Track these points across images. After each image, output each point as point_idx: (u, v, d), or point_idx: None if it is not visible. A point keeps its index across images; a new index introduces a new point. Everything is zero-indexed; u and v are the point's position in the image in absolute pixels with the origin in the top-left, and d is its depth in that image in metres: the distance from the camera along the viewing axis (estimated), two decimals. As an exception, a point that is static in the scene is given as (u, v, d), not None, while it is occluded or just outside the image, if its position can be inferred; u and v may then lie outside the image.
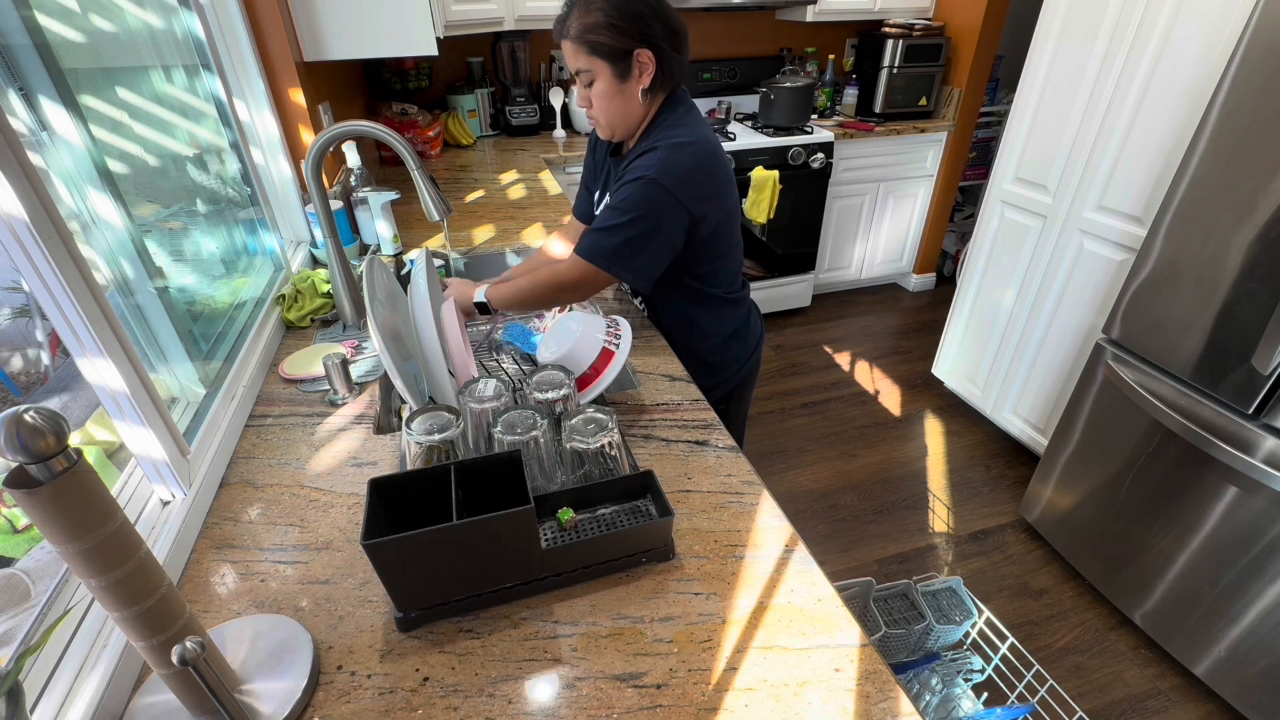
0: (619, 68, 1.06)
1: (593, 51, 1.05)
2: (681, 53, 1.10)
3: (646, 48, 1.05)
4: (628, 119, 1.14)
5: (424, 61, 2.74)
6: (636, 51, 1.05)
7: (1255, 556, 1.45)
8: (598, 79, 1.08)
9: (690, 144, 1.09)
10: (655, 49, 1.06)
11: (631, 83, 1.08)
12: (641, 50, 1.05)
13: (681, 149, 1.08)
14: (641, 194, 1.07)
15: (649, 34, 1.05)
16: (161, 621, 0.57)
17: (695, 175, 1.09)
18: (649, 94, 1.10)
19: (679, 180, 1.06)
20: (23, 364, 1.74)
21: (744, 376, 1.40)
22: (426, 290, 0.96)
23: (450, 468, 0.75)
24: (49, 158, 0.87)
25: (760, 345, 1.42)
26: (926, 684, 1.40)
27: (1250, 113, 1.35)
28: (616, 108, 1.11)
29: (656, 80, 1.09)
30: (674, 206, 1.08)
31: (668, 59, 1.08)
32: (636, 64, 1.06)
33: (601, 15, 1.02)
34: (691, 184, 1.08)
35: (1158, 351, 1.60)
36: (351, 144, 1.82)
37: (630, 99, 1.10)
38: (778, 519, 0.86)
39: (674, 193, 1.06)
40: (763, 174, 2.77)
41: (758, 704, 0.65)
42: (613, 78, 1.07)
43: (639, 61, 1.06)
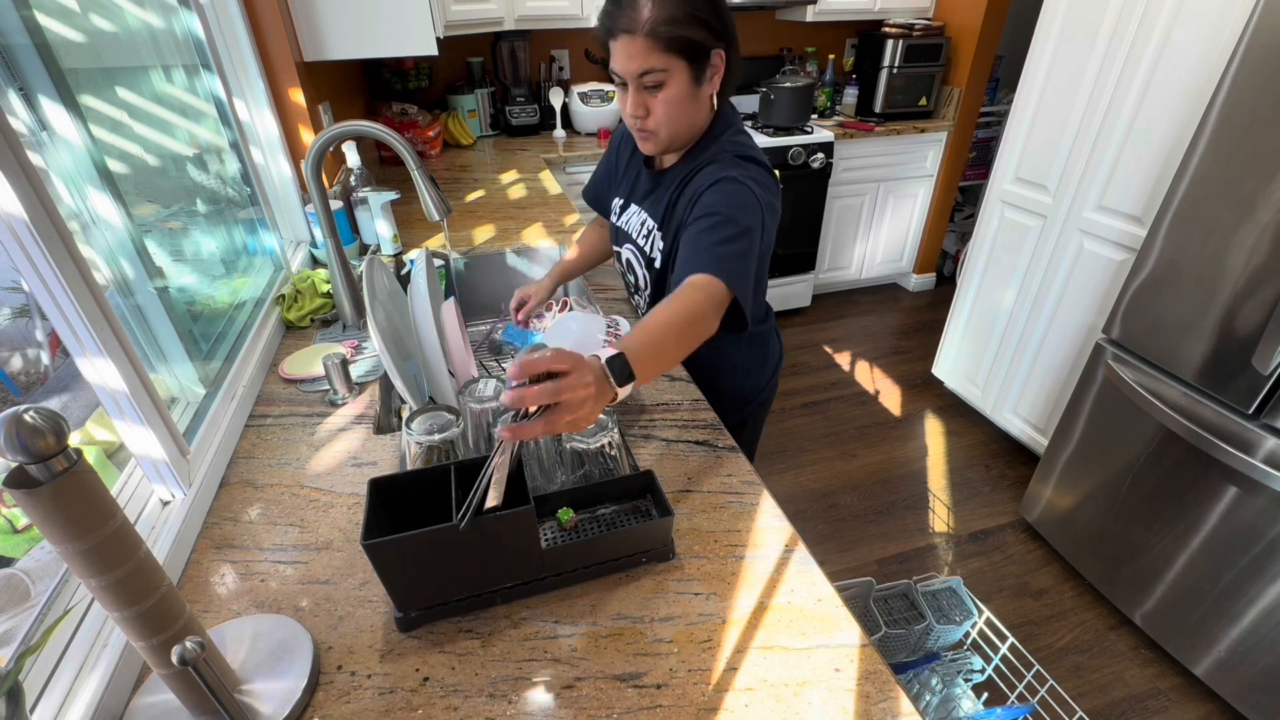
0: (696, 69, 0.92)
1: (669, 49, 0.89)
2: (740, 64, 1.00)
3: (722, 46, 0.93)
4: (693, 129, 1.00)
5: (424, 61, 2.74)
6: (714, 51, 0.92)
7: (1255, 556, 1.45)
8: (670, 82, 0.92)
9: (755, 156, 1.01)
10: (730, 49, 0.94)
11: (704, 87, 0.95)
12: (718, 49, 0.93)
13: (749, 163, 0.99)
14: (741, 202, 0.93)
15: (726, 31, 0.92)
16: (161, 621, 0.57)
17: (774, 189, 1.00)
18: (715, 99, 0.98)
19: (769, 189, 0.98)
20: (23, 364, 1.74)
21: (761, 401, 1.32)
22: (426, 290, 0.96)
23: (450, 468, 0.75)
24: (49, 157, 0.87)
25: (778, 369, 1.33)
26: (926, 684, 1.40)
27: (1250, 113, 1.35)
28: (686, 116, 0.96)
29: (723, 86, 0.97)
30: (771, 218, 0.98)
31: (734, 63, 0.96)
32: (710, 66, 0.93)
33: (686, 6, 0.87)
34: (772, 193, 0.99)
35: (1158, 352, 1.60)
36: (351, 144, 1.82)
37: (702, 105, 0.97)
38: (778, 519, 0.86)
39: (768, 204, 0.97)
40: (763, 174, 2.77)
41: (758, 704, 0.65)
42: (689, 80, 0.92)
43: (713, 64, 0.93)
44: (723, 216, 0.92)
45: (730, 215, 0.92)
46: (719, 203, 0.93)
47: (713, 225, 0.92)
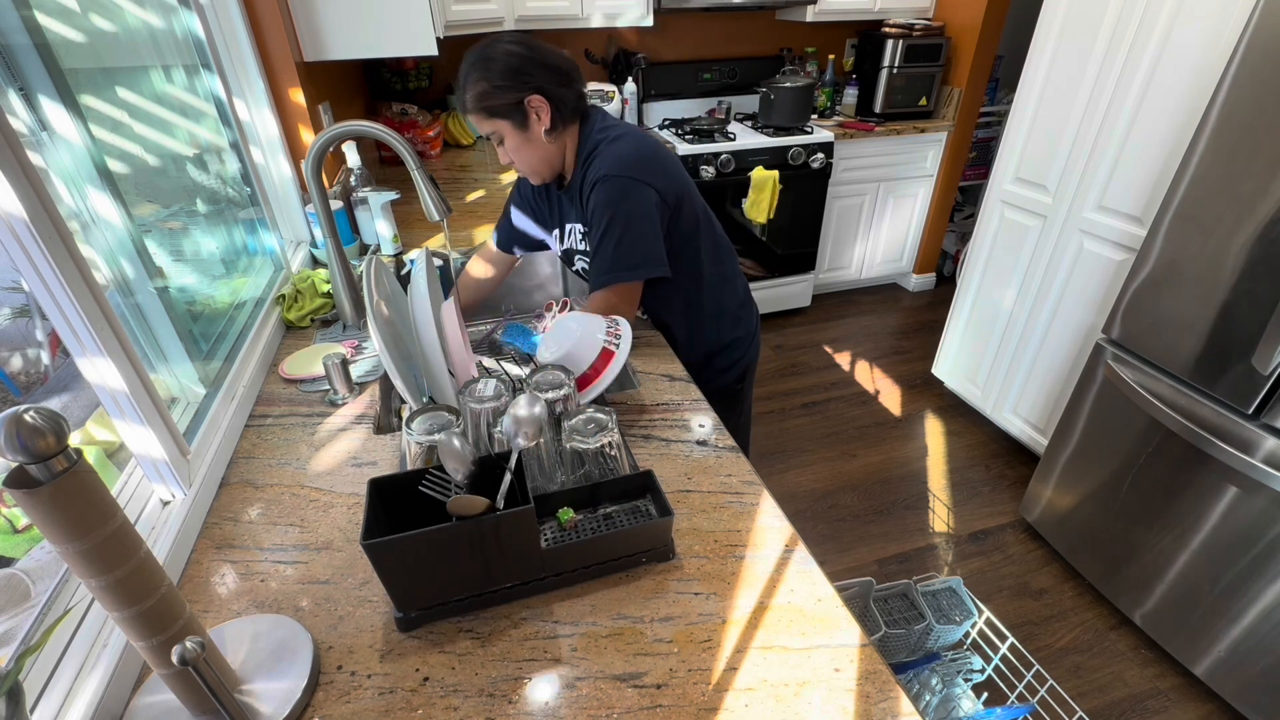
0: (517, 120, 1.12)
1: (490, 115, 1.12)
2: (572, 85, 1.15)
3: (534, 94, 1.11)
4: (547, 160, 1.20)
5: (424, 61, 2.74)
6: (526, 99, 1.11)
7: (1255, 556, 1.45)
8: (505, 136, 1.14)
9: (621, 136, 1.17)
10: (542, 91, 1.11)
11: (533, 128, 1.14)
12: (530, 97, 1.11)
13: (616, 141, 1.16)
14: (605, 194, 1.13)
15: (531, 81, 1.10)
16: (161, 621, 0.57)
17: (638, 157, 1.15)
18: (552, 133, 1.16)
19: (627, 165, 1.13)
20: (23, 364, 1.74)
21: (753, 352, 1.45)
22: (426, 290, 0.96)
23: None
24: (49, 157, 0.87)
25: (759, 328, 1.47)
26: (926, 684, 1.40)
27: (1250, 113, 1.35)
28: (531, 154, 1.18)
29: (555, 118, 1.14)
30: (634, 186, 1.13)
31: (558, 96, 1.13)
32: (531, 110, 1.12)
33: (484, 83, 1.09)
34: (639, 164, 1.14)
35: (1158, 351, 1.60)
36: (351, 144, 1.82)
37: (537, 143, 1.16)
38: (778, 519, 0.86)
39: (630, 175, 1.13)
40: (763, 174, 2.77)
41: (758, 704, 0.65)
42: (515, 130, 1.13)
43: (532, 107, 1.12)
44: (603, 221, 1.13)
45: (607, 214, 1.13)
46: (598, 205, 1.14)
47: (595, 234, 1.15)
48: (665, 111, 3.18)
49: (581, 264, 1.31)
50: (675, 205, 1.19)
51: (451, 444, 0.73)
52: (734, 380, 1.42)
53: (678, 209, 1.20)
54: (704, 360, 1.34)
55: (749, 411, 1.59)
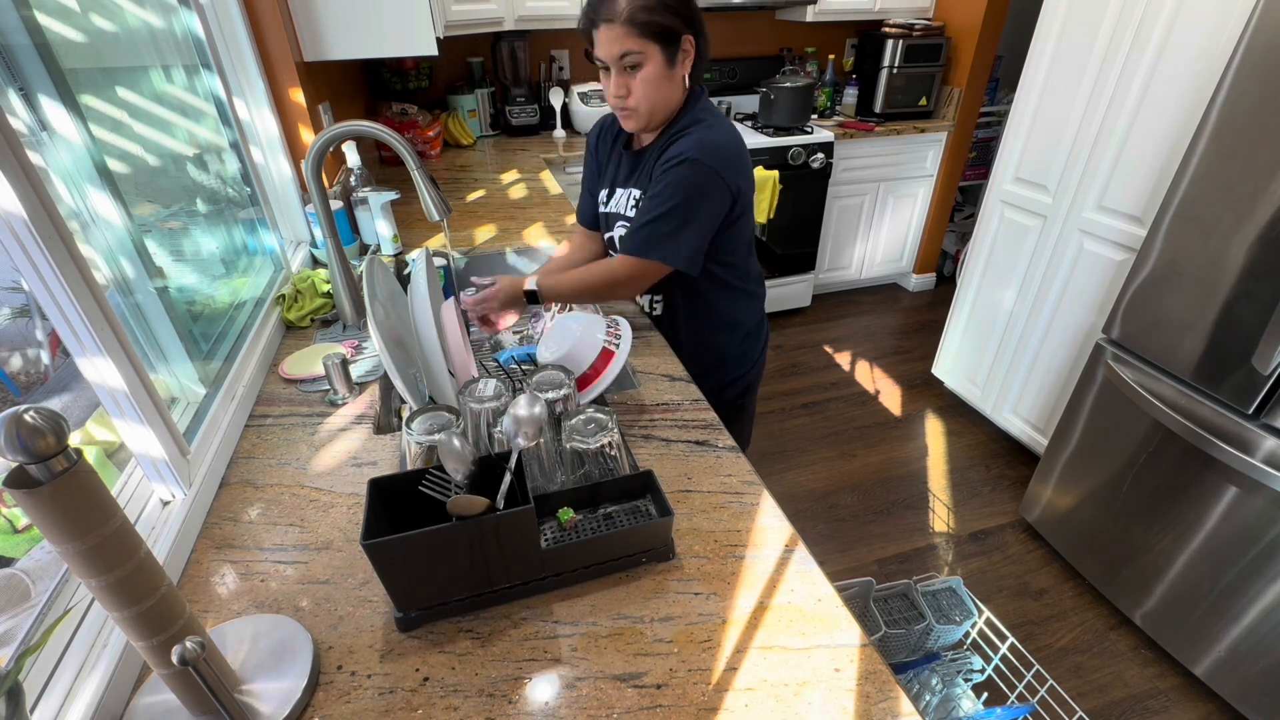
0: (669, 51, 1.06)
1: (644, 33, 1.03)
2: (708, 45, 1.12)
3: (694, 34, 1.07)
4: (669, 106, 1.13)
5: (424, 61, 2.74)
6: (684, 36, 1.06)
7: (1255, 556, 1.45)
8: (647, 63, 1.06)
9: (720, 126, 1.13)
10: (698, 36, 1.08)
11: (677, 68, 1.09)
12: (688, 35, 1.06)
13: (713, 129, 1.11)
14: (684, 175, 1.08)
15: (695, 20, 1.06)
16: (161, 621, 0.57)
17: (732, 153, 1.12)
18: (687, 80, 1.12)
19: (719, 157, 1.09)
20: (22, 363, 1.74)
21: (759, 368, 1.44)
22: (426, 290, 0.96)
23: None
24: (49, 157, 0.87)
25: (767, 342, 1.46)
26: (926, 684, 1.40)
27: (1250, 113, 1.35)
28: (662, 94, 1.10)
29: (694, 69, 1.11)
30: (716, 182, 1.10)
31: (703, 49, 1.10)
32: (682, 50, 1.07)
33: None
34: (729, 161, 1.11)
35: (1158, 351, 1.60)
36: (351, 144, 1.82)
37: (676, 85, 1.11)
38: (778, 519, 0.86)
39: (716, 170, 1.09)
40: (763, 174, 2.77)
41: (758, 704, 0.65)
42: (663, 61, 1.06)
43: (684, 48, 1.07)
44: (669, 200, 1.09)
45: (680, 195, 1.09)
46: (672, 183, 1.09)
47: (655, 206, 1.11)
48: (665, 111, 3.18)
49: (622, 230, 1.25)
50: (740, 212, 1.17)
51: (451, 444, 0.72)
52: (735, 396, 1.40)
53: (740, 216, 1.18)
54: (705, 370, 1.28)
55: (749, 429, 1.55)
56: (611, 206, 1.28)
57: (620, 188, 1.26)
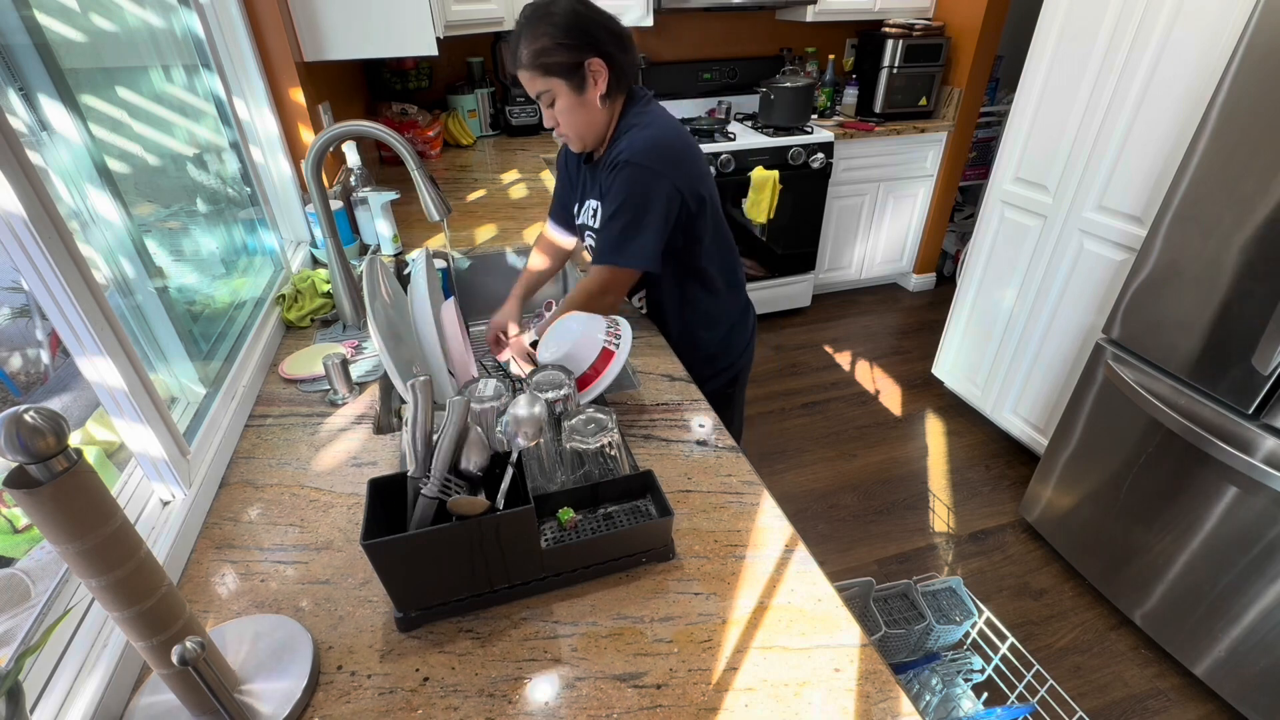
0: (574, 81, 1.11)
1: (547, 72, 1.10)
2: (629, 54, 1.14)
3: (595, 56, 1.10)
4: (594, 127, 1.18)
5: (424, 61, 2.74)
6: (587, 62, 1.09)
7: (1255, 556, 1.45)
8: (558, 96, 1.12)
9: (653, 124, 1.16)
10: (604, 55, 1.10)
11: (589, 92, 1.13)
12: (591, 59, 1.09)
13: (646, 129, 1.15)
14: (622, 179, 1.12)
15: (595, 43, 1.09)
16: (161, 621, 0.57)
17: (666, 149, 1.14)
18: (607, 99, 1.14)
19: (652, 155, 1.12)
20: (23, 364, 1.74)
21: (746, 359, 1.45)
22: (426, 290, 0.96)
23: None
24: (48, 156, 0.87)
25: (755, 330, 1.48)
26: (926, 684, 1.40)
27: (1250, 113, 1.35)
28: (581, 119, 1.16)
29: (611, 84, 1.13)
30: (655, 179, 1.12)
31: (617, 63, 1.12)
32: (589, 73, 1.10)
33: (548, 38, 1.07)
34: (665, 157, 1.13)
35: (1158, 351, 1.60)
36: (351, 144, 1.82)
37: (591, 108, 1.15)
38: (778, 519, 0.86)
39: (651, 166, 1.11)
40: (763, 174, 2.77)
41: (758, 704, 0.65)
42: (570, 91, 1.12)
43: (591, 70, 1.10)
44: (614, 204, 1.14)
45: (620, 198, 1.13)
46: (615, 189, 1.14)
47: (604, 214, 1.17)
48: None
49: (590, 240, 1.31)
50: (696, 204, 1.18)
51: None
52: (725, 385, 1.42)
53: (699, 208, 1.19)
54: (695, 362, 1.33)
55: (741, 417, 1.59)
56: (581, 218, 1.33)
57: (588, 199, 1.30)
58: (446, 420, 0.72)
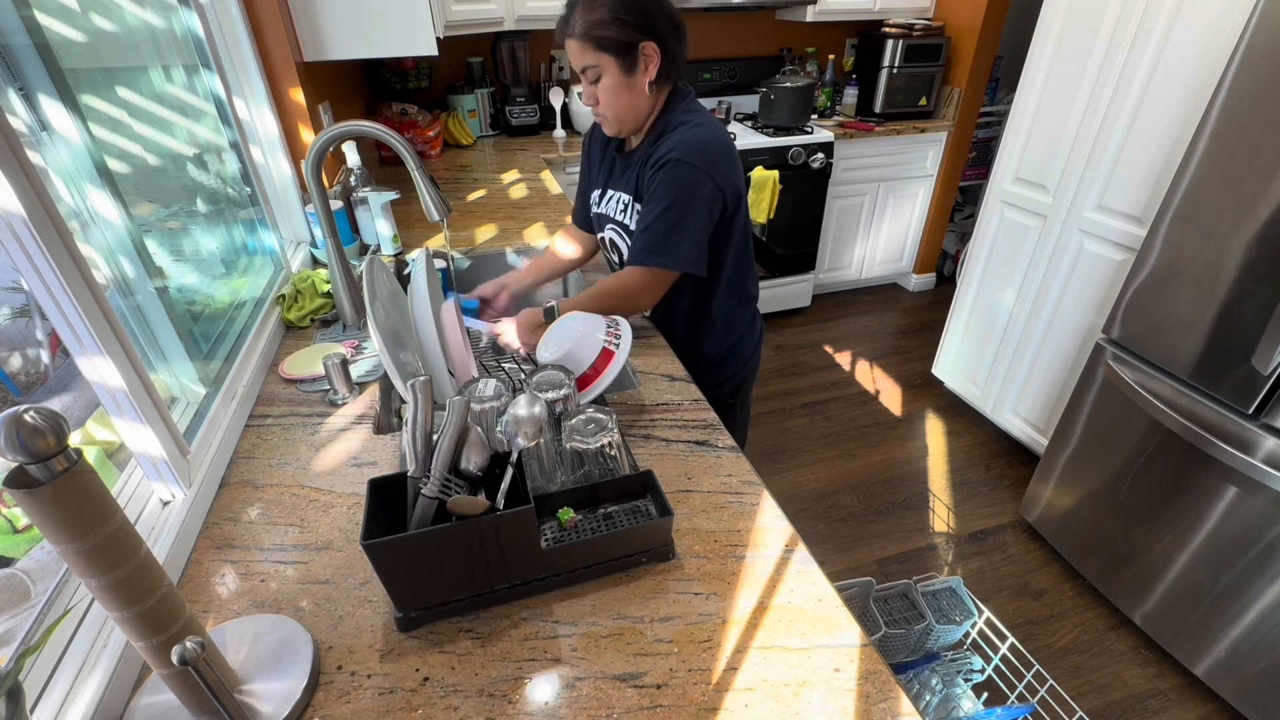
0: (625, 61, 1.08)
1: (599, 47, 1.06)
2: (683, 45, 1.12)
3: (651, 40, 1.07)
4: (636, 113, 1.15)
5: (424, 61, 2.74)
6: (642, 44, 1.07)
7: (1255, 556, 1.45)
8: (605, 74, 1.09)
9: (704, 125, 1.13)
10: (660, 41, 1.08)
11: (638, 76, 1.10)
12: (647, 43, 1.07)
13: (697, 128, 1.12)
14: (671, 177, 1.09)
15: (653, 26, 1.07)
16: (161, 621, 0.57)
17: (716, 151, 1.12)
18: (655, 87, 1.12)
19: (703, 156, 1.09)
20: (22, 363, 1.74)
21: (751, 368, 1.43)
22: (426, 290, 0.96)
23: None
24: (48, 156, 0.87)
25: (762, 339, 1.45)
26: (926, 684, 1.40)
27: (1250, 113, 1.35)
28: (624, 102, 1.12)
29: (662, 72, 1.11)
30: (704, 179, 1.10)
31: (672, 51, 1.10)
32: (642, 57, 1.08)
33: (606, 10, 1.04)
34: (715, 159, 1.11)
35: (1158, 351, 1.60)
36: (351, 144, 1.82)
37: (638, 92, 1.12)
38: (778, 519, 0.86)
39: (702, 168, 1.09)
40: (763, 174, 2.77)
41: (758, 704, 0.65)
42: (620, 71, 1.09)
43: (644, 54, 1.08)
44: (661, 203, 1.10)
45: (670, 197, 1.10)
46: (661, 184, 1.10)
47: (649, 213, 1.12)
48: (665, 111, 3.18)
49: (613, 233, 1.28)
50: (732, 210, 1.17)
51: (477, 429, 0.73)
52: (727, 395, 1.40)
53: (733, 215, 1.18)
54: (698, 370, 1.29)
55: (744, 425, 1.56)
56: (603, 208, 1.30)
57: (611, 189, 1.27)
58: (446, 420, 0.72)
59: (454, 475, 0.72)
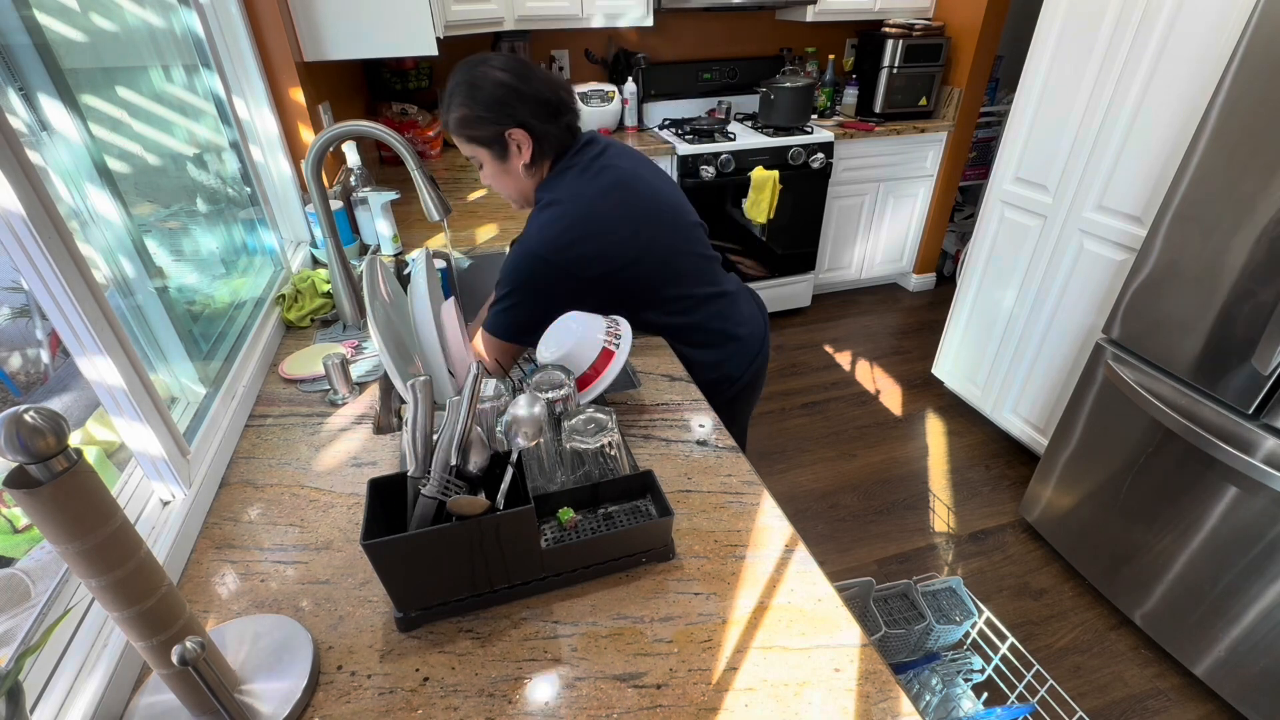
0: (496, 150, 1.12)
1: (470, 141, 1.12)
2: (558, 119, 1.13)
3: (517, 127, 1.10)
4: (522, 191, 1.20)
5: (424, 61, 2.74)
6: (508, 133, 1.10)
7: (1255, 556, 1.45)
8: (484, 163, 1.15)
9: (556, 202, 1.12)
10: (525, 126, 1.10)
11: (512, 160, 1.14)
12: (513, 130, 1.10)
13: (549, 208, 1.12)
14: (512, 261, 1.13)
15: (514, 115, 1.09)
16: (161, 621, 0.57)
17: (558, 232, 1.10)
18: (531, 167, 1.15)
19: (541, 240, 1.10)
20: (22, 363, 1.74)
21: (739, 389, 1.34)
22: (426, 290, 0.96)
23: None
24: (48, 156, 0.87)
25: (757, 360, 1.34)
26: (926, 684, 1.40)
27: (1250, 113, 1.35)
28: (508, 185, 1.19)
29: (536, 153, 1.13)
30: (538, 264, 1.10)
31: (540, 133, 1.12)
32: (512, 143, 1.11)
33: (466, 109, 1.09)
34: (559, 243, 1.10)
35: (1158, 351, 1.60)
36: (351, 144, 1.82)
37: (514, 176, 1.16)
38: (778, 519, 0.86)
39: (537, 253, 1.10)
40: (763, 174, 2.77)
41: (758, 704, 0.65)
42: (493, 160, 1.14)
43: (514, 140, 1.11)
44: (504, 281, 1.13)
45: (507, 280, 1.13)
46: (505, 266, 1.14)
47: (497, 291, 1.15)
48: (665, 111, 3.18)
49: None
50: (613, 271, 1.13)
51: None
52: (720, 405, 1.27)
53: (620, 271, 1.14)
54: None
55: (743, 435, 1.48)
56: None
57: None
58: (446, 420, 0.72)
59: (454, 475, 0.72)
